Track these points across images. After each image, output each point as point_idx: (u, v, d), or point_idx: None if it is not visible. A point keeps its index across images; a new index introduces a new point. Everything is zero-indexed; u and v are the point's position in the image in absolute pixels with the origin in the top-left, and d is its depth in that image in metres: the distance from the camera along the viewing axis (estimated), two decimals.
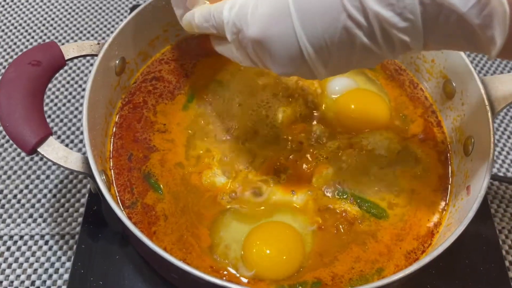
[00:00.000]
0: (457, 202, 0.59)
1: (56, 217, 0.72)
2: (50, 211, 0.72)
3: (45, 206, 0.73)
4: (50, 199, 0.74)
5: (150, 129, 0.64)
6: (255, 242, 0.58)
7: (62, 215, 0.72)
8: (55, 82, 0.84)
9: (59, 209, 0.73)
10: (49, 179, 0.75)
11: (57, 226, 0.71)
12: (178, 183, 0.60)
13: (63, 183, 0.75)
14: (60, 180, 0.76)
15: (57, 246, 0.69)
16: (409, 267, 0.48)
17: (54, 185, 0.75)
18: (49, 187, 0.75)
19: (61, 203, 0.73)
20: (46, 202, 0.73)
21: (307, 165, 0.63)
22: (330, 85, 0.70)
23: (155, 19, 0.68)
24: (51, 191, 0.74)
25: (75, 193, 0.74)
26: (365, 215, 0.60)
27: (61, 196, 0.74)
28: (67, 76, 0.85)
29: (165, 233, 0.57)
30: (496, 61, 0.89)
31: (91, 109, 0.56)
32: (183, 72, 0.69)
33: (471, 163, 0.59)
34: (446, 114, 0.67)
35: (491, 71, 0.87)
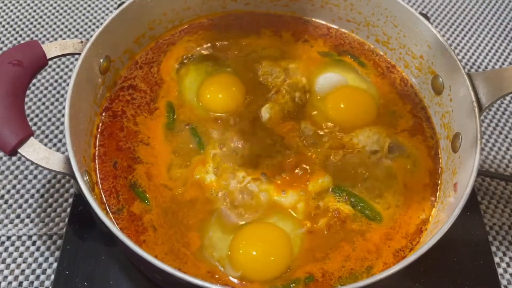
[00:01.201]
0: (445, 199, 0.59)
1: (43, 217, 0.71)
2: (38, 212, 0.72)
3: (33, 206, 0.72)
4: (38, 199, 0.73)
5: (134, 139, 0.63)
6: (241, 243, 0.57)
7: (50, 215, 0.72)
8: (37, 82, 0.83)
9: (47, 209, 0.72)
10: (37, 179, 0.75)
11: (44, 226, 0.71)
12: (167, 200, 0.59)
13: (51, 183, 0.75)
14: (48, 180, 0.75)
15: (45, 247, 0.69)
16: (395, 266, 0.48)
17: (42, 185, 0.74)
18: (37, 187, 0.74)
19: (49, 203, 0.73)
20: (34, 202, 0.73)
21: (302, 171, 0.62)
22: (317, 81, 0.69)
23: (141, 16, 0.67)
24: (38, 191, 0.74)
25: (63, 193, 0.73)
26: (357, 215, 0.59)
27: (49, 196, 0.73)
28: (50, 75, 0.83)
29: (155, 243, 0.57)
30: (481, 56, 0.88)
31: (73, 109, 0.55)
32: (153, 80, 0.68)
33: (459, 160, 0.59)
34: (435, 110, 0.67)
35: (476, 66, 0.87)
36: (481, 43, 0.91)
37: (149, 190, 0.60)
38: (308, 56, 0.72)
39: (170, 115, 0.66)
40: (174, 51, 0.72)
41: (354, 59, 0.73)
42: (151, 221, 0.58)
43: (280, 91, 0.67)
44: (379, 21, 0.71)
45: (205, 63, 0.71)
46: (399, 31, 0.69)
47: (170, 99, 0.67)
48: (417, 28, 0.66)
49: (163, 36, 0.73)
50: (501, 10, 0.97)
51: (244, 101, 0.67)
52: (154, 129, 0.64)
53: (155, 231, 0.57)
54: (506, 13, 0.97)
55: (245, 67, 0.70)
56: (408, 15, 0.66)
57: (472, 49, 0.90)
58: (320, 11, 0.75)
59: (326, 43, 0.74)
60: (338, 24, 0.75)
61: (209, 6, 0.74)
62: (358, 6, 0.71)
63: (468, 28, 0.93)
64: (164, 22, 0.71)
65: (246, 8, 0.76)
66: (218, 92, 0.67)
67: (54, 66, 0.85)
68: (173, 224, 0.58)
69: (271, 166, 0.62)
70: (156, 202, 0.59)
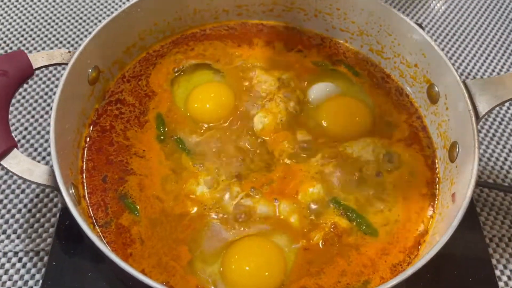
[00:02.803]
0: (443, 210, 0.57)
1: (30, 233, 0.69)
2: (25, 227, 0.70)
3: (20, 221, 0.70)
4: (25, 214, 0.71)
5: (126, 152, 0.61)
6: (234, 258, 0.55)
7: (37, 231, 0.69)
8: (25, 92, 0.81)
9: (34, 224, 0.70)
10: (25, 194, 0.73)
11: (31, 242, 0.68)
12: (157, 212, 0.58)
13: (39, 197, 0.72)
14: (36, 194, 0.73)
15: (31, 263, 0.66)
16: (392, 279, 0.46)
17: (29, 200, 0.72)
18: (24, 202, 0.72)
19: (36, 218, 0.71)
20: (21, 217, 0.70)
21: (292, 180, 0.60)
22: (311, 91, 0.68)
23: (131, 26, 0.66)
24: (26, 206, 0.72)
25: (52, 207, 0.71)
26: (353, 229, 0.57)
27: (37, 211, 0.71)
28: (38, 85, 0.81)
29: (142, 256, 0.55)
30: (477, 65, 0.88)
31: (60, 120, 0.54)
32: (142, 92, 0.67)
33: (456, 170, 0.57)
34: (431, 119, 0.65)
35: (472, 75, 0.86)
36: (477, 52, 0.90)
37: (139, 201, 0.58)
38: (302, 65, 0.71)
39: (160, 127, 0.64)
40: (163, 64, 0.70)
41: (349, 69, 0.72)
42: (139, 233, 0.56)
43: (274, 99, 0.66)
44: (372, 30, 0.70)
45: (196, 73, 0.69)
46: (393, 40, 0.68)
47: (160, 110, 0.66)
48: (411, 36, 0.65)
49: (154, 46, 0.72)
50: (496, 19, 0.97)
51: (234, 110, 0.65)
52: (147, 142, 0.63)
53: (143, 244, 0.55)
54: (502, 21, 0.96)
55: (237, 77, 0.69)
56: (402, 24, 0.65)
57: (467, 58, 0.89)
58: (313, 21, 0.74)
59: (320, 53, 0.73)
60: (331, 33, 0.74)
61: (200, 17, 0.73)
62: (351, 16, 0.71)
63: (463, 37, 0.92)
64: (155, 32, 0.70)
65: (238, 18, 0.75)
66: (205, 102, 0.66)
67: (41, 75, 0.83)
68: (162, 237, 0.56)
69: (262, 177, 0.60)
70: (146, 214, 0.57)
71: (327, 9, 0.72)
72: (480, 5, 0.98)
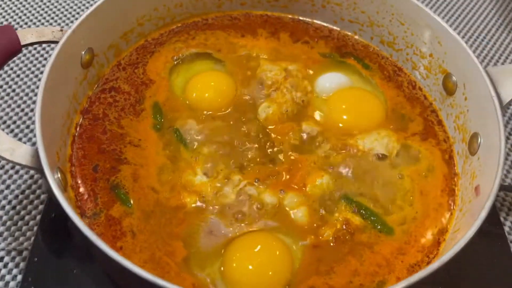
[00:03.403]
0: (464, 206, 0.52)
1: (13, 231, 0.64)
2: (8, 225, 0.64)
3: (3, 219, 0.65)
4: (9, 211, 0.66)
5: (120, 141, 0.57)
6: (235, 255, 0.50)
7: (21, 229, 0.64)
8: (9, 71, 0.76)
9: (18, 222, 0.65)
10: (9, 189, 0.67)
11: (14, 241, 0.63)
12: (151, 204, 0.53)
13: (25, 193, 0.67)
14: (21, 190, 0.68)
15: (13, 263, 0.61)
16: (409, 278, 0.41)
17: (14, 196, 0.67)
18: (9, 198, 0.67)
19: (21, 216, 0.65)
20: (4, 215, 0.65)
21: (298, 171, 0.56)
22: (319, 81, 0.64)
23: (129, 10, 0.62)
24: (10, 202, 0.66)
25: (38, 205, 0.66)
26: (367, 226, 0.53)
27: (21, 208, 0.66)
28: (24, 65, 0.77)
29: (133, 250, 0.50)
30: (499, 51, 0.84)
31: (48, 100, 0.49)
32: (138, 80, 0.63)
33: (478, 162, 0.53)
34: (447, 112, 0.61)
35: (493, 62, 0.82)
36: (493, 37, 0.87)
37: (132, 192, 0.53)
38: (308, 57, 0.67)
39: (157, 116, 0.60)
40: (162, 52, 0.67)
41: (358, 61, 0.68)
42: (131, 226, 0.51)
43: (280, 89, 0.62)
44: (384, 20, 0.66)
45: (196, 62, 0.66)
46: (406, 29, 0.64)
47: (157, 99, 0.62)
48: (426, 24, 0.61)
49: (153, 34, 0.68)
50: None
51: (236, 99, 0.61)
52: (143, 131, 0.58)
53: (134, 237, 0.50)
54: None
55: (240, 65, 0.65)
56: (416, 11, 0.62)
57: (483, 44, 0.86)
58: (321, 12, 0.71)
59: (327, 45, 0.69)
60: (340, 25, 0.71)
61: (203, 4, 0.69)
62: (361, 5, 0.67)
63: (479, 23, 0.90)
64: (154, 18, 0.66)
65: (242, 8, 0.72)
66: (205, 90, 0.62)
67: (30, 55, 0.78)
68: (155, 231, 0.51)
69: (266, 168, 0.56)
70: (139, 205, 0.52)
71: None
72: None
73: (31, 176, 0.68)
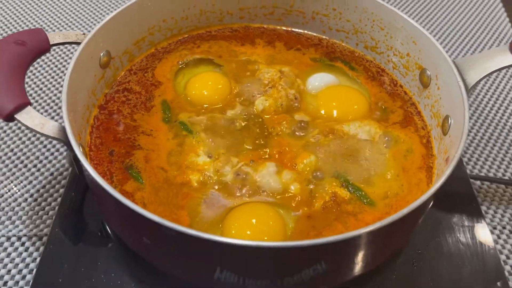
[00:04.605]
0: (439, 179, 0.58)
1: (35, 219, 0.70)
2: (30, 214, 0.71)
3: (25, 209, 0.72)
4: (31, 202, 0.72)
5: (133, 131, 0.65)
6: (234, 224, 0.56)
7: (42, 217, 0.71)
8: (40, 68, 0.89)
9: (39, 212, 0.72)
10: (31, 184, 0.75)
11: (35, 227, 0.69)
12: (160, 181, 0.60)
13: (45, 188, 0.74)
14: (42, 185, 0.75)
15: (34, 247, 0.67)
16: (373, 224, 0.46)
17: (36, 190, 0.74)
18: (31, 192, 0.74)
19: (42, 206, 0.72)
20: (26, 205, 0.72)
21: (288, 153, 0.62)
22: (310, 80, 0.72)
23: (141, 20, 0.71)
24: (32, 195, 0.73)
25: (57, 197, 0.73)
26: (353, 198, 0.59)
27: (42, 200, 0.73)
28: (51, 62, 0.91)
29: None
30: (466, 46, 0.97)
31: (72, 87, 0.57)
32: (148, 83, 0.71)
33: (449, 139, 0.59)
34: (424, 103, 0.68)
35: (462, 53, 0.96)
36: (462, 33, 1.01)
37: (144, 171, 0.60)
38: (300, 61, 0.76)
39: (166, 111, 0.68)
40: (169, 58, 0.75)
41: (345, 64, 0.76)
42: (142, 198, 0.57)
43: (276, 87, 0.70)
44: (366, 27, 0.75)
45: (198, 67, 0.74)
46: (385, 34, 0.73)
47: (165, 97, 0.70)
48: (402, 26, 0.69)
49: (162, 43, 0.77)
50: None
51: (234, 94, 0.70)
52: (154, 123, 0.66)
53: (145, 207, 0.56)
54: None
55: (240, 67, 0.73)
56: (392, 15, 0.70)
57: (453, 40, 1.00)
58: (311, 23, 0.79)
59: (317, 51, 0.78)
60: (328, 34, 0.80)
61: (206, 18, 0.78)
62: (346, 14, 0.76)
63: (447, 21, 1.04)
64: (163, 29, 0.75)
65: (241, 21, 0.81)
66: (203, 86, 0.70)
67: (56, 54, 0.93)
68: (163, 202, 0.57)
69: (260, 152, 0.63)
70: (150, 182, 0.59)
71: (323, 10, 0.77)
72: None
73: (54, 176, 0.75)
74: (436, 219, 0.66)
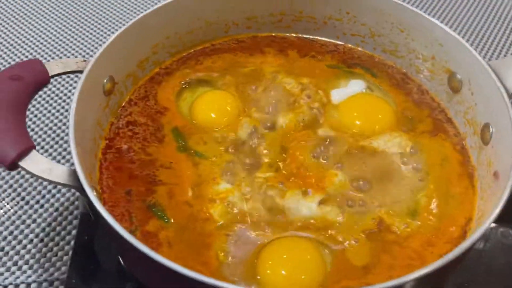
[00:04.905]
0: (484, 194, 0.54)
1: (43, 262, 0.65)
2: (37, 257, 0.65)
3: (31, 252, 0.66)
4: (37, 244, 0.67)
5: (151, 166, 0.59)
6: (268, 262, 0.51)
7: (51, 260, 0.65)
8: (41, 101, 0.82)
9: (47, 253, 0.66)
10: (36, 223, 0.69)
11: (44, 272, 0.64)
12: (185, 217, 0.55)
13: (51, 226, 0.69)
14: (47, 223, 0.69)
15: None
16: (431, 264, 0.42)
17: (41, 229, 0.69)
18: (36, 232, 0.68)
19: (49, 247, 0.67)
20: (33, 248, 0.67)
21: (316, 174, 0.58)
22: (333, 92, 0.67)
23: (144, 39, 0.66)
24: (38, 235, 0.68)
25: (65, 235, 0.68)
26: (394, 223, 0.54)
27: (49, 240, 0.67)
28: (53, 94, 0.84)
29: (169, 259, 0.51)
30: (499, 45, 0.91)
31: (78, 123, 0.52)
32: (152, 111, 0.65)
33: (493, 150, 0.55)
34: (456, 109, 0.64)
35: (495, 57, 0.90)
36: (492, 32, 0.95)
37: (169, 208, 0.55)
38: (317, 69, 0.71)
39: (178, 140, 0.62)
40: (170, 81, 0.69)
41: (366, 70, 0.71)
42: (167, 238, 0.53)
43: (298, 101, 0.65)
44: (384, 30, 0.70)
45: (201, 85, 0.69)
46: (406, 36, 0.68)
47: (175, 124, 0.64)
48: (425, 28, 0.65)
49: (166, 62, 0.71)
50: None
51: (243, 114, 0.64)
52: (171, 154, 0.60)
53: (170, 248, 0.51)
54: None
55: (249, 81, 0.68)
56: (413, 16, 0.65)
57: (484, 40, 0.93)
58: (324, 29, 0.74)
59: (333, 58, 0.73)
60: (343, 40, 0.75)
61: (211, 30, 0.73)
62: (361, 18, 0.71)
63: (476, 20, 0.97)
64: (168, 46, 0.70)
65: (248, 31, 0.75)
66: (209, 110, 0.65)
67: (58, 85, 0.85)
68: (190, 242, 0.52)
69: (282, 174, 0.58)
70: (176, 219, 0.54)
71: (336, 14, 0.72)
72: None
73: (60, 212, 0.69)
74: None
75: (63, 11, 1.00)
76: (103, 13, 1.00)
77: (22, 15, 0.99)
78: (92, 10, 1.01)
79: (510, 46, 0.93)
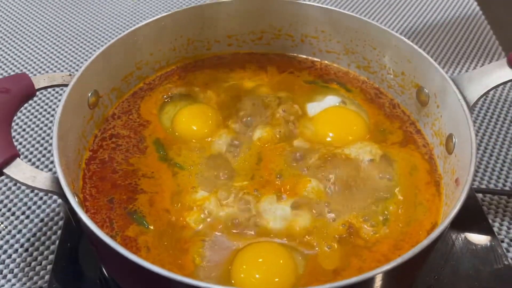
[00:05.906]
0: (448, 200, 0.57)
1: (27, 271, 0.67)
2: (22, 266, 0.67)
3: (16, 261, 0.68)
4: (22, 253, 0.69)
5: (133, 176, 0.61)
6: (242, 267, 0.54)
7: (35, 268, 0.67)
8: (27, 113, 0.86)
9: (31, 263, 0.68)
10: (21, 233, 0.71)
11: (28, 280, 0.66)
12: (165, 223, 0.57)
13: (36, 236, 0.71)
14: (33, 233, 0.71)
15: None
16: (393, 261, 0.44)
17: (26, 239, 0.70)
18: (21, 242, 0.70)
19: (34, 257, 0.69)
20: (17, 257, 0.68)
21: (290, 181, 0.61)
22: (309, 105, 0.71)
23: (128, 55, 0.69)
24: (22, 245, 0.70)
25: (49, 245, 0.70)
26: (363, 228, 0.57)
27: (34, 250, 0.69)
28: (39, 106, 0.88)
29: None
30: (461, 62, 0.98)
31: (62, 133, 0.54)
32: (135, 124, 0.68)
33: (456, 158, 0.58)
34: (424, 121, 0.67)
35: (457, 71, 0.96)
36: (455, 49, 1.01)
37: (149, 215, 0.57)
38: (295, 84, 0.74)
39: (160, 150, 0.65)
40: (152, 95, 0.72)
41: (341, 85, 0.75)
42: (146, 242, 0.55)
43: (274, 114, 0.68)
44: (357, 47, 0.74)
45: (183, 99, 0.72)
46: (378, 53, 0.72)
47: (157, 135, 0.67)
48: (394, 45, 0.68)
49: (151, 77, 0.74)
50: (462, 15, 1.09)
51: (225, 126, 0.67)
52: (152, 164, 0.63)
53: (148, 252, 0.53)
54: (467, 18, 1.09)
55: (229, 95, 0.72)
56: (383, 34, 0.69)
57: (447, 56, 1.00)
58: (301, 46, 0.78)
59: (311, 74, 0.76)
60: (319, 56, 0.78)
61: (193, 48, 0.76)
62: (335, 35, 0.75)
63: (441, 36, 1.04)
64: (151, 62, 0.73)
65: (229, 48, 0.79)
66: (189, 123, 0.68)
67: (44, 98, 0.89)
68: (168, 246, 0.54)
69: (259, 182, 0.61)
70: (155, 226, 0.57)
71: (312, 32, 0.76)
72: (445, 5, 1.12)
73: (45, 223, 0.72)
74: (446, 240, 0.65)
75: (51, 28, 1.05)
76: (90, 30, 1.05)
77: (11, 31, 1.04)
78: (79, 27, 1.05)
79: (472, 61, 0.99)
